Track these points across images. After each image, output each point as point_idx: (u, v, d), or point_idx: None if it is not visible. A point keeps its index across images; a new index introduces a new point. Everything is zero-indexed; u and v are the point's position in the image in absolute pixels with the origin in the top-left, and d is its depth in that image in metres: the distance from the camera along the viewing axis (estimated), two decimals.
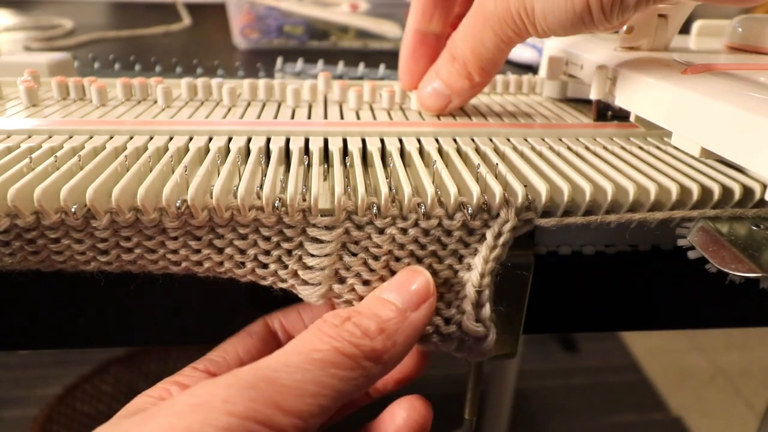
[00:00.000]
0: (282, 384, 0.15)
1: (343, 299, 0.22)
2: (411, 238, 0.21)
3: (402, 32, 0.68)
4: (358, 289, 0.22)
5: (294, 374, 0.16)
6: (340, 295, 0.22)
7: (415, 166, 0.24)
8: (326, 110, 0.31)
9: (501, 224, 0.21)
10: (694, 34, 0.37)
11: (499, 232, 0.21)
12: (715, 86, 0.23)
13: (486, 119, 0.30)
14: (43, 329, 0.25)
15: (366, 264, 0.22)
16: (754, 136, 0.20)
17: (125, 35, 0.72)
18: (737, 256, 0.20)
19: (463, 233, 0.22)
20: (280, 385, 0.15)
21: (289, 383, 0.16)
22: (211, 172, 0.23)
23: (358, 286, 0.22)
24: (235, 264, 0.22)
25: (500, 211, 0.21)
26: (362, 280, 0.22)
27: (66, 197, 0.20)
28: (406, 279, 0.20)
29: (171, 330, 0.26)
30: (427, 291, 0.20)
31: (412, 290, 0.20)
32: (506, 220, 0.21)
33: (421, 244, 0.22)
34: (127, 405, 0.19)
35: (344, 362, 0.17)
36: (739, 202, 0.23)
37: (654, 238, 0.25)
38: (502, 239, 0.21)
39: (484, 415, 0.96)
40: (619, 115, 0.30)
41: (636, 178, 0.23)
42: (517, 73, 0.38)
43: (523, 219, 0.22)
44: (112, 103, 0.31)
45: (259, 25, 0.66)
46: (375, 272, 0.22)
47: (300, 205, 0.21)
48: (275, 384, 0.15)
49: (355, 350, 0.17)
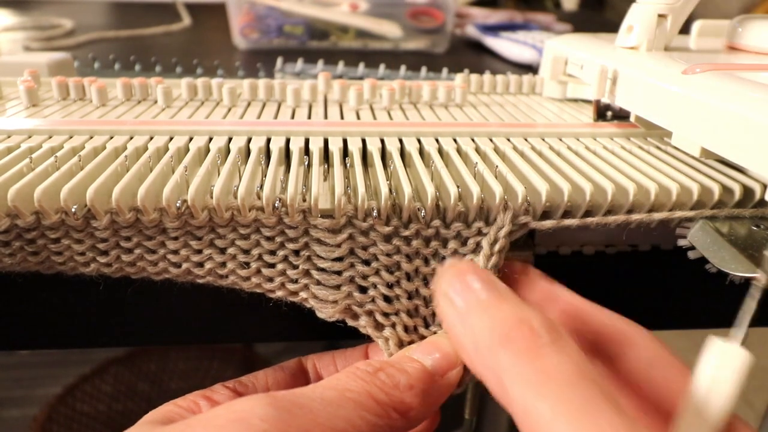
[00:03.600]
0: (315, 414, 0.16)
1: (365, 309, 0.22)
2: (414, 250, 0.22)
3: (402, 32, 0.68)
4: (380, 305, 0.22)
5: (327, 407, 0.16)
6: (362, 303, 0.22)
7: (415, 167, 0.24)
8: (326, 110, 0.31)
9: (497, 230, 0.21)
10: (694, 34, 0.37)
11: (495, 238, 0.21)
12: (715, 86, 0.23)
13: (486, 119, 0.30)
14: (43, 329, 0.25)
15: (380, 275, 0.22)
16: (754, 136, 0.20)
17: (125, 35, 0.72)
18: (737, 256, 0.20)
19: (457, 245, 0.22)
20: (313, 414, 0.16)
21: (322, 415, 0.16)
22: (211, 172, 0.23)
23: (379, 301, 0.22)
24: (239, 264, 0.22)
25: (497, 217, 0.21)
26: (383, 295, 0.22)
27: (66, 197, 0.20)
28: (434, 345, 0.20)
29: (171, 330, 0.26)
30: (455, 360, 0.20)
31: (440, 357, 0.20)
32: (501, 225, 0.21)
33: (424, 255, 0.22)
34: (153, 412, 0.20)
35: (374, 407, 0.17)
36: (739, 202, 0.23)
37: (654, 238, 0.25)
38: (498, 246, 0.21)
39: (484, 415, 0.96)
40: (619, 115, 0.30)
41: (636, 178, 0.23)
42: (517, 73, 0.38)
43: (518, 223, 0.22)
44: (112, 103, 0.31)
45: (259, 25, 0.66)
46: (392, 288, 0.22)
47: (300, 206, 0.21)
48: (310, 413, 0.16)
49: (385, 398, 0.17)
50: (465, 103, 0.33)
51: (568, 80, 0.34)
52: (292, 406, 0.16)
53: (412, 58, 0.65)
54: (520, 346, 0.16)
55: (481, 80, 0.37)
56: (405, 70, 0.51)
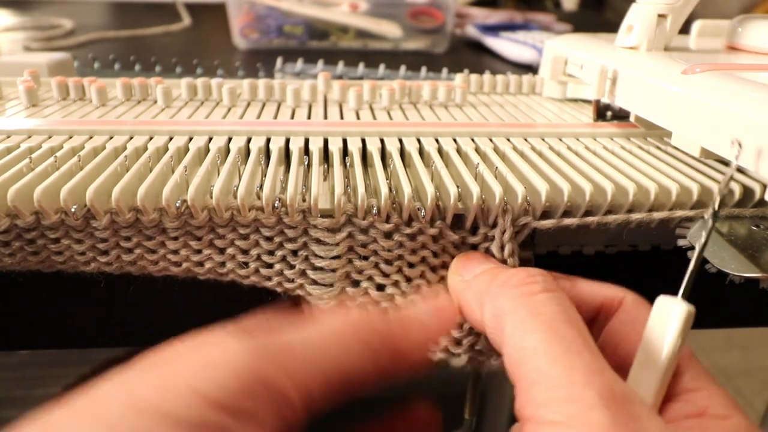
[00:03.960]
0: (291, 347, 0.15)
1: (357, 303, 0.22)
2: (419, 244, 0.22)
3: (402, 32, 0.68)
4: (372, 294, 0.22)
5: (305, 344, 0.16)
6: (353, 297, 0.22)
7: (414, 167, 0.24)
8: (326, 110, 0.31)
9: (500, 235, 0.21)
10: (694, 34, 0.37)
11: (501, 244, 0.21)
12: (715, 86, 0.23)
13: (486, 119, 0.30)
14: (43, 329, 0.25)
15: (378, 267, 0.22)
16: (753, 136, 0.20)
17: (125, 35, 0.72)
18: (737, 256, 0.20)
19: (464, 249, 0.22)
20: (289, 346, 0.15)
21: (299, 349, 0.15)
22: (211, 172, 0.23)
23: (372, 290, 0.22)
24: (238, 264, 0.22)
25: (497, 221, 0.21)
26: (376, 284, 0.22)
27: (66, 197, 0.20)
28: (428, 294, 0.21)
29: (171, 330, 0.26)
30: (451, 309, 0.20)
31: (433, 304, 0.20)
32: (503, 230, 0.21)
33: (432, 251, 0.22)
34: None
35: (356, 343, 0.16)
36: (739, 202, 0.23)
37: (654, 238, 0.25)
38: (507, 251, 0.21)
39: (484, 415, 0.96)
40: (619, 115, 0.30)
41: (636, 178, 0.23)
42: (517, 73, 0.38)
43: (519, 225, 0.22)
44: (112, 103, 0.31)
45: (259, 25, 0.66)
46: (389, 277, 0.22)
47: (300, 206, 0.21)
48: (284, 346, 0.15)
49: (371, 335, 0.17)
50: (465, 103, 0.33)
51: (568, 80, 0.34)
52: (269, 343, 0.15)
53: (412, 58, 0.65)
54: (518, 290, 0.18)
55: (481, 80, 0.37)
56: (405, 70, 0.51)
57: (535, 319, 0.17)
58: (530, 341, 0.16)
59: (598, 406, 0.14)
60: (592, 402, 0.14)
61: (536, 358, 0.16)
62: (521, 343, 0.16)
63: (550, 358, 0.15)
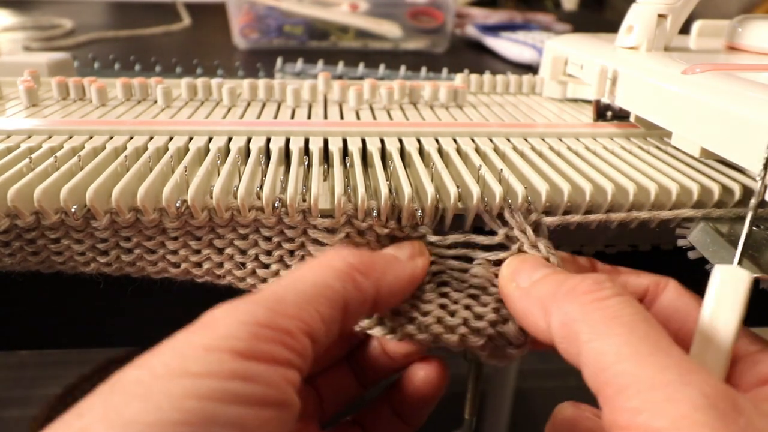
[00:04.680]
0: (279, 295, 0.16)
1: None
2: None
3: (402, 32, 0.68)
4: None
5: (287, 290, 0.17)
6: None
7: (415, 167, 0.24)
8: (326, 110, 0.31)
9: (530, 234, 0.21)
10: (694, 34, 0.37)
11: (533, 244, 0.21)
12: (715, 86, 0.23)
13: (486, 119, 0.30)
14: (43, 329, 0.25)
15: None
16: (754, 136, 0.20)
17: (125, 35, 0.72)
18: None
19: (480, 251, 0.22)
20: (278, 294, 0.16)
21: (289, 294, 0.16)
22: (211, 172, 0.23)
23: None
24: (235, 264, 0.22)
25: (508, 221, 0.21)
26: None
27: (66, 197, 0.20)
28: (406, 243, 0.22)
29: (171, 330, 0.26)
30: (421, 250, 0.21)
31: (406, 245, 0.21)
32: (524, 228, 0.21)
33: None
34: None
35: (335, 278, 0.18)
36: (739, 202, 0.23)
37: (654, 238, 0.25)
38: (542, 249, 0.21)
39: (484, 415, 0.96)
40: (619, 115, 0.30)
41: (636, 178, 0.23)
42: (517, 73, 0.38)
43: (531, 221, 0.21)
44: (111, 103, 0.31)
45: (259, 25, 0.66)
46: None
47: (300, 206, 0.21)
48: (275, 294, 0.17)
49: (349, 267, 0.18)
50: (465, 103, 0.33)
51: (568, 80, 0.34)
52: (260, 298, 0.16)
53: (412, 58, 0.65)
54: (589, 296, 0.17)
55: (481, 80, 0.37)
56: (405, 70, 0.51)
57: (612, 322, 0.16)
58: (612, 345, 0.15)
59: (703, 405, 0.13)
60: (697, 402, 0.13)
61: (622, 362, 0.15)
62: (602, 348, 0.15)
63: (637, 359, 0.14)
